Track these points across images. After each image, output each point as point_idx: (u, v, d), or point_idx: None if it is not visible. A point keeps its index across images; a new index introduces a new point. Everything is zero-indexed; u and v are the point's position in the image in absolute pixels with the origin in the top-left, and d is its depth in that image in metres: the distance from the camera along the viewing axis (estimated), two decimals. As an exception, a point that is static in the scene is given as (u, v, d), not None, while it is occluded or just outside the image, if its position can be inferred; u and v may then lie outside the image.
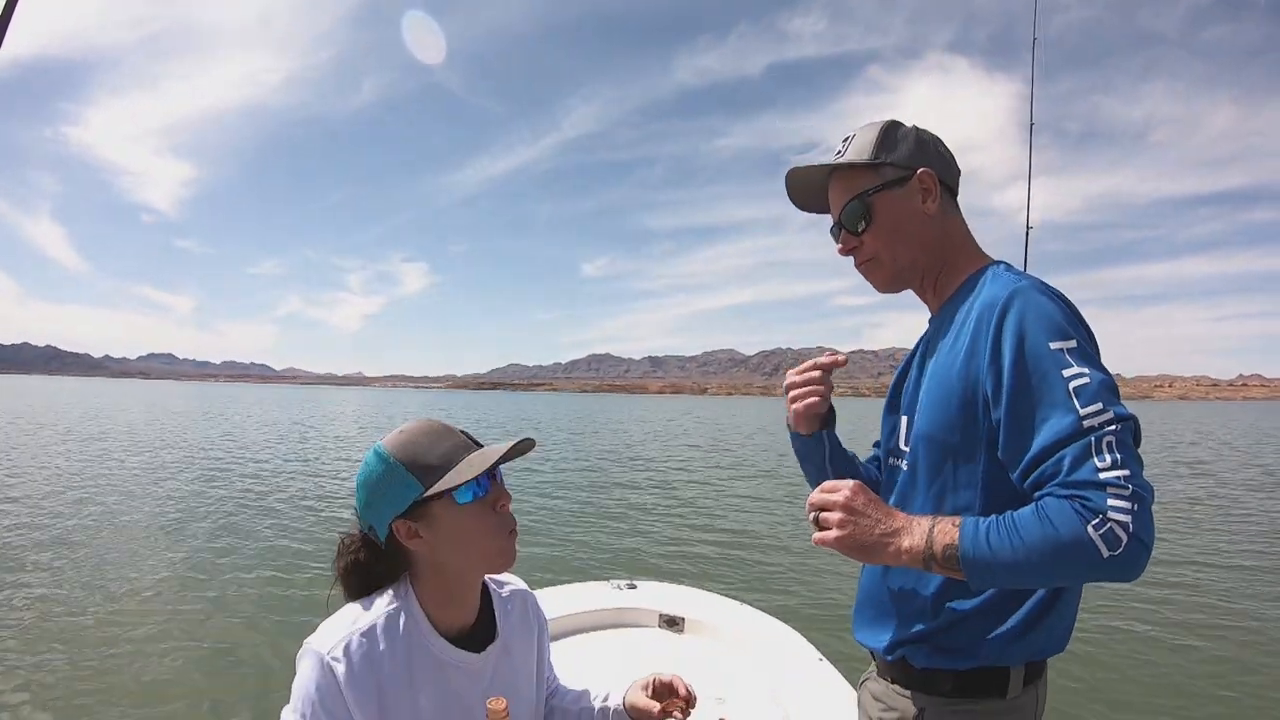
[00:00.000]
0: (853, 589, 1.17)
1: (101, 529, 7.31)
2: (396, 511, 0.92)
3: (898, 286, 1.13)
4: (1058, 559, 0.78)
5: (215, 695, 3.63)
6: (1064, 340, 0.88)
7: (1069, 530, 0.77)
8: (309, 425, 26.87)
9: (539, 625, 1.14)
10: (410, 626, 0.95)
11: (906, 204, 1.06)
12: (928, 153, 1.08)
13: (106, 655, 4.06)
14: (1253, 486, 12.72)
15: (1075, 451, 0.81)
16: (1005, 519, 0.83)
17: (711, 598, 2.46)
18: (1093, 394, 0.83)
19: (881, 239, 1.08)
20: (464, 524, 0.92)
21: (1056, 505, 0.79)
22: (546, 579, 5.53)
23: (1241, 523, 9.03)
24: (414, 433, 0.95)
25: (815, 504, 0.94)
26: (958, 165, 1.12)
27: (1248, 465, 16.51)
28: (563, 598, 2.37)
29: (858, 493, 0.91)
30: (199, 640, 4.32)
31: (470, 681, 0.98)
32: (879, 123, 1.09)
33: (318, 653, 0.89)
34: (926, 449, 1.01)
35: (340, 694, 0.87)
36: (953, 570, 0.85)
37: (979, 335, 0.94)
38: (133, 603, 5.01)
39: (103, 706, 3.48)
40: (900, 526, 0.88)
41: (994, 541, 0.82)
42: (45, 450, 14.46)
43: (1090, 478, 0.78)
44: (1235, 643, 4.73)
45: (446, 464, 0.92)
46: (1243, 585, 6.13)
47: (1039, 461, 0.84)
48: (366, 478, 0.94)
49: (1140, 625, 5.01)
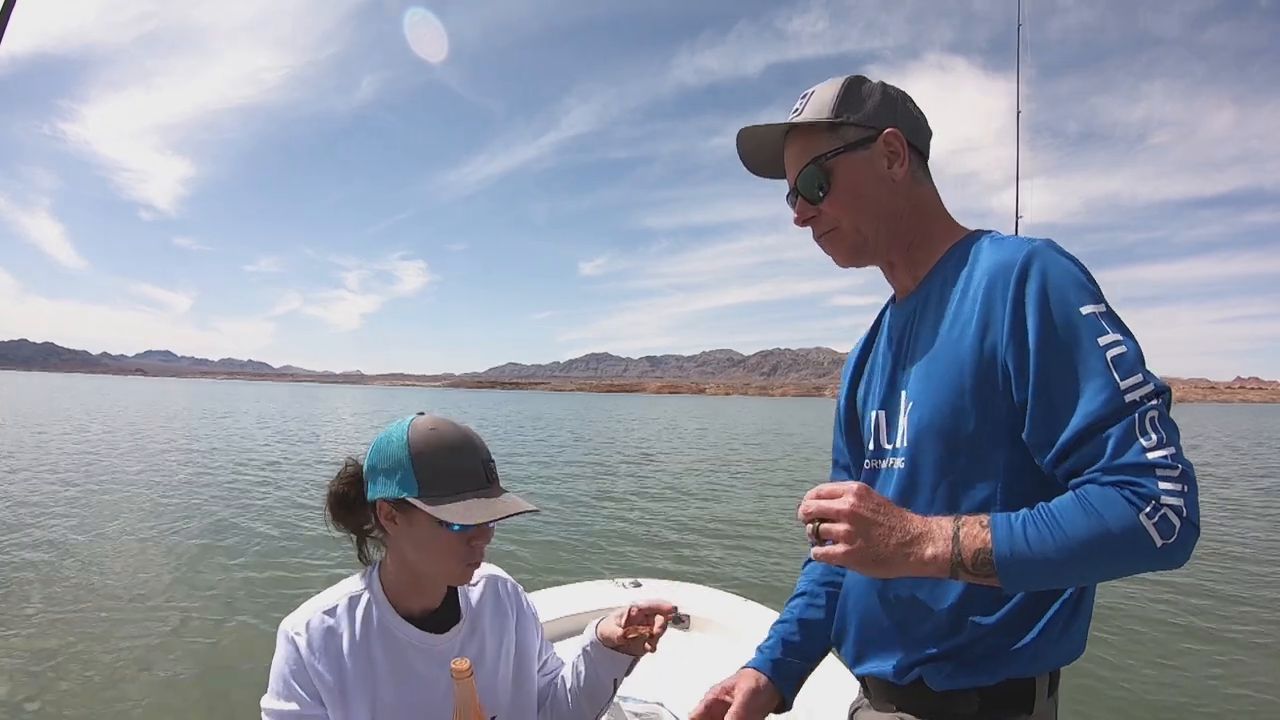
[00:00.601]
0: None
1: (100, 527, 7.31)
2: (388, 494, 0.94)
3: (861, 260, 1.01)
4: (1107, 553, 0.70)
5: (214, 691, 3.65)
6: (1095, 304, 0.79)
7: (1120, 521, 0.69)
8: (309, 422, 26.82)
9: (518, 610, 1.17)
10: (372, 607, 0.99)
11: (870, 168, 0.94)
12: (895, 111, 0.95)
13: (105, 650, 4.07)
14: (1259, 489, 12.74)
15: (1120, 431, 0.72)
16: (1042, 513, 0.74)
17: (717, 595, 2.47)
18: (1131, 364, 0.75)
19: (841, 207, 0.96)
20: (435, 541, 0.94)
21: (1102, 494, 0.71)
22: (551, 579, 5.54)
23: (1251, 523, 9.05)
24: (442, 438, 0.96)
25: (813, 514, 0.79)
26: (930, 126, 1.00)
27: (1249, 468, 16.54)
28: (568, 597, 2.37)
29: (864, 496, 0.77)
30: (196, 635, 4.34)
31: (432, 662, 1.01)
32: (841, 78, 0.96)
33: (284, 630, 0.96)
34: (932, 442, 0.88)
35: (304, 667, 0.93)
36: (986, 577, 0.75)
37: (993, 303, 0.83)
38: (131, 596, 5.02)
39: (102, 705, 3.49)
40: (920, 532, 0.76)
41: (1034, 540, 0.72)
42: (43, 447, 14.44)
43: (1138, 460, 0.70)
44: (1240, 644, 4.73)
45: (453, 487, 0.93)
46: (1247, 589, 6.14)
47: (1077, 444, 0.75)
48: (384, 444, 0.96)
49: (1140, 623, 5.00)
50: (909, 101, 0.98)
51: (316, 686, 0.93)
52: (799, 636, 1.13)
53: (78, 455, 13.21)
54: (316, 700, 0.93)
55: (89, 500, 8.68)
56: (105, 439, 16.69)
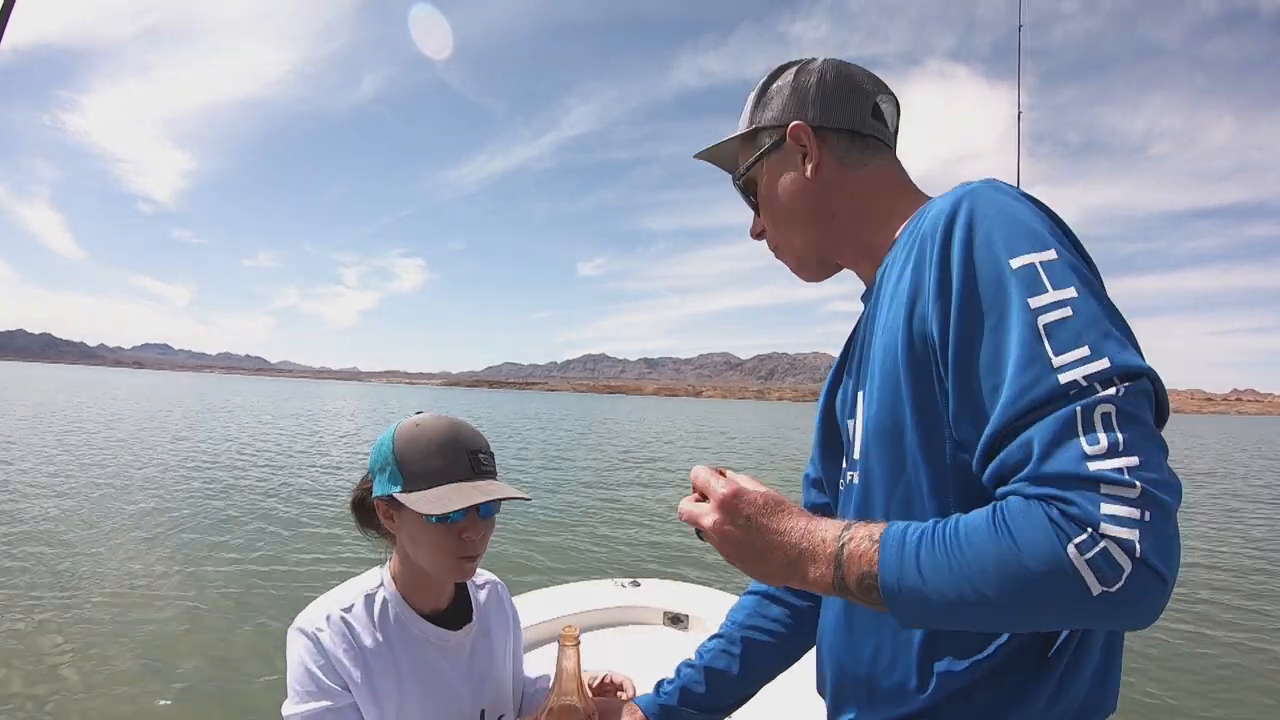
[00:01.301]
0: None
1: (99, 521, 7.29)
2: (380, 492, 0.95)
3: (813, 273, 0.88)
4: (1021, 595, 0.51)
5: (212, 686, 3.65)
6: (1034, 252, 0.59)
7: (1038, 551, 0.50)
8: (309, 419, 26.76)
9: (513, 616, 1.17)
10: (388, 604, 0.98)
11: (784, 173, 0.84)
12: (803, 101, 0.82)
13: (103, 644, 4.07)
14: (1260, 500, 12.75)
15: (1049, 427, 0.52)
16: (946, 530, 0.55)
17: (716, 594, 2.47)
18: (1075, 333, 0.54)
19: (768, 221, 0.87)
20: (424, 535, 0.93)
21: (1023, 510, 0.51)
22: (550, 578, 5.55)
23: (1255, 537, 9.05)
24: (425, 433, 0.95)
25: (686, 517, 0.68)
26: (870, 99, 0.83)
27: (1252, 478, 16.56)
28: (566, 597, 2.37)
29: (729, 509, 0.64)
30: (196, 626, 4.32)
31: (449, 658, 1.01)
32: (765, 75, 0.87)
33: (301, 628, 0.93)
34: (879, 445, 0.71)
35: (330, 662, 0.91)
36: (876, 604, 0.58)
37: (921, 266, 0.66)
38: (130, 589, 5.01)
39: (102, 704, 3.48)
40: (802, 549, 0.61)
41: (927, 567, 0.54)
42: (43, 440, 14.38)
43: (1072, 469, 0.50)
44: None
45: (435, 478, 0.92)
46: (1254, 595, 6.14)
47: (999, 444, 0.56)
48: (379, 444, 0.98)
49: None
50: (827, 80, 0.82)
51: (345, 680, 0.90)
52: (703, 688, 1.00)
53: (79, 449, 13.16)
54: (346, 693, 0.90)
55: (89, 495, 8.66)
56: (107, 434, 16.63)
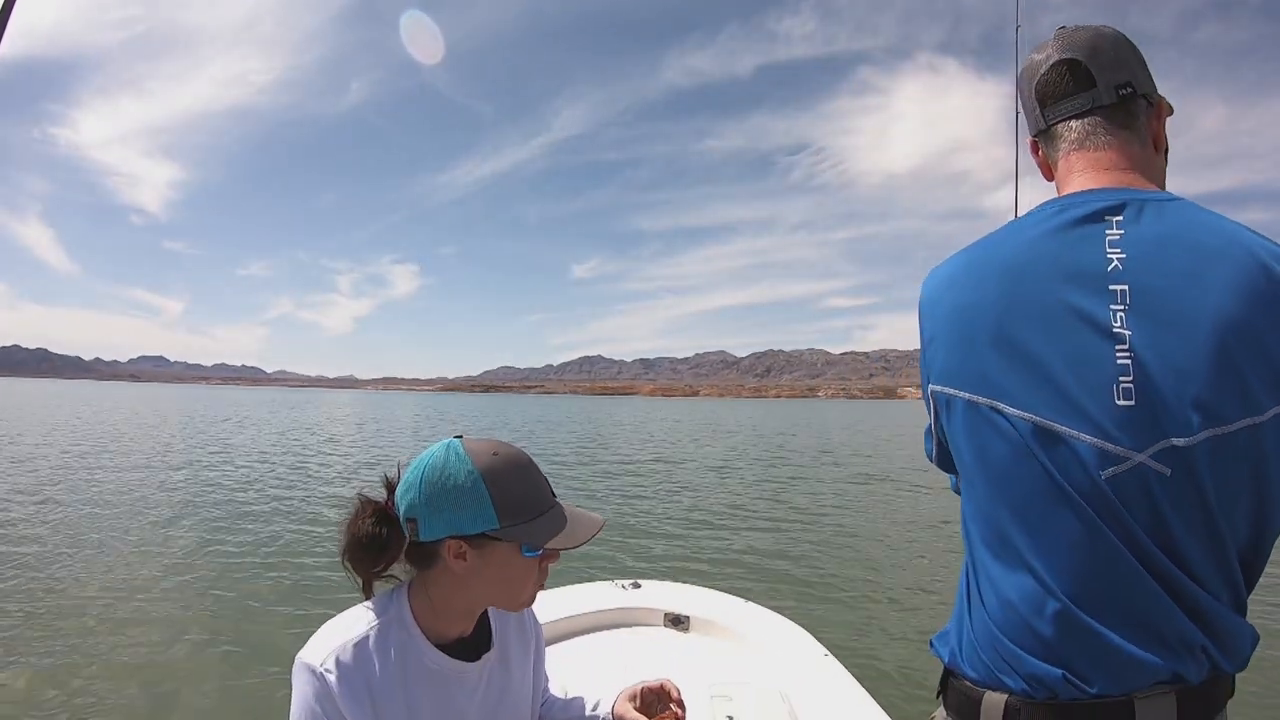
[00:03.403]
0: (854, 586, 0.93)
1: (97, 534, 7.25)
2: (460, 531, 0.88)
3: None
4: None
5: (212, 688, 3.63)
6: None
7: None
8: (310, 429, 26.69)
9: (536, 635, 1.14)
10: (402, 636, 0.94)
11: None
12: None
13: (104, 651, 4.04)
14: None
15: None
16: None
17: (716, 596, 2.44)
18: None
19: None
20: (515, 570, 0.91)
21: None
22: (550, 580, 5.51)
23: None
24: (506, 462, 0.92)
25: None
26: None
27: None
28: (566, 598, 2.35)
29: None
30: (200, 637, 4.30)
31: (464, 690, 0.98)
32: None
33: (309, 665, 0.88)
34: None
35: (335, 704, 0.87)
36: None
37: None
38: (130, 594, 4.98)
39: (102, 703, 3.46)
40: None
41: None
42: (44, 456, 14.31)
43: None
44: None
45: (530, 509, 0.90)
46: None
47: None
48: (441, 479, 0.89)
49: None
50: None
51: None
52: None
53: (80, 467, 13.08)
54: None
55: (85, 513, 8.60)
56: (115, 448, 16.56)
